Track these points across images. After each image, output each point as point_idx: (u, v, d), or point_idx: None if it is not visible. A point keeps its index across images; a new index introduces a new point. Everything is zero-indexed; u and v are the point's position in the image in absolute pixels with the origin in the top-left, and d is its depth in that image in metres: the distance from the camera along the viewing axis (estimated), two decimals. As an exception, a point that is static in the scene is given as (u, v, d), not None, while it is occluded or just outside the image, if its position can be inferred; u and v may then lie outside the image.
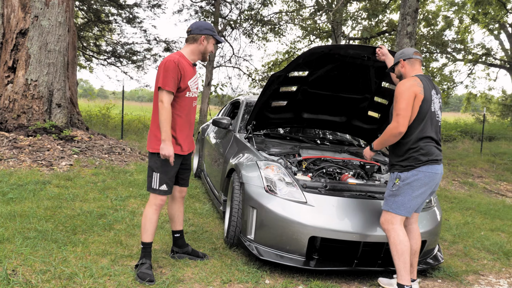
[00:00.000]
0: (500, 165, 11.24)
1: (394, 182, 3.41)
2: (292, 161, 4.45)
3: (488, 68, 26.42)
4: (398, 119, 3.26)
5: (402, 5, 8.74)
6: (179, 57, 3.43)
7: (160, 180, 3.43)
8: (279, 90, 4.80)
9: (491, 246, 5.03)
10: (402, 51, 3.64)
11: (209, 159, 6.06)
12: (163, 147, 3.27)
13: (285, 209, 3.74)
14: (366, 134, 5.49)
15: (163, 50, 18.51)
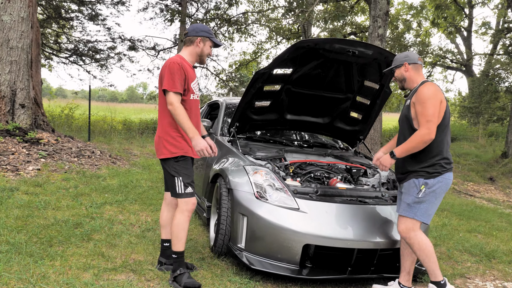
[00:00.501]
0: (465, 165, 11.55)
1: (419, 189, 3.31)
2: (279, 166, 4.35)
3: (446, 71, 27.29)
4: (429, 125, 3.18)
5: (373, 8, 8.80)
6: (180, 59, 3.39)
7: (184, 183, 3.38)
8: (263, 89, 4.69)
9: (472, 248, 5.09)
10: (407, 54, 3.58)
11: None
12: (196, 144, 3.23)
13: (278, 216, 3.62)
14: (347, 136, 5.45)
15: (127, 49, 18.02)
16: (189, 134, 3.25)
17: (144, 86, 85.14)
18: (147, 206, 5.45)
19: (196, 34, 3.45)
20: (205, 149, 3.27)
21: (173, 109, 3.24)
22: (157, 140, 3.45)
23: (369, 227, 3.71)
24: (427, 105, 3.20)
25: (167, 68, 3.28)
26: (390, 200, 4.17)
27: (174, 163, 3.39)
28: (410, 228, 3.35)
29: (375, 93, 4.92)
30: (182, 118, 3.23)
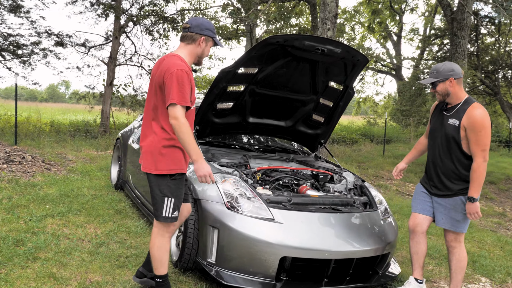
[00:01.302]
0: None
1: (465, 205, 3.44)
2: (247, 173, 4.10)
3: (376, 74, 28.41)
4: (484, 154, 3.29)
5: (322, 10, 8.80)
6: (185, 64, 2.92)
7: (174, 206, 3.00)
8: (227, 89, 4.42)
9: (430, 250, 5.13)
10: (452, 67, 3.43)
11: (138, 169, 5.44)
12: (199, 168, 2.85)
13: (252, 228, 3.38)
14: (308, 139, 5.31)
15: (54, 45, 16.81)
16: (192, 156, 2.82)
17: (66, 85, 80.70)
18: (94, 218, 4.97)
19: (201, 32, 3.01)
20: (208, 176, 2.89)
21: (178, 125, 2.78)
22: (151, 151, 2.96)
23: (346, 236, 3.57)
24: (483, 135, 3.26)
25: (174, 76, 2.81)
26: (361, 207, 4.07)
27: (169, 181, 2.97)
28: (458, 240, 3.55)
29: (339, 95, 4.82)
30: (188, 137, 2.79)
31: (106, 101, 14.28)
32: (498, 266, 4.86)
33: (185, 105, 2.82)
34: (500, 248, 5.69)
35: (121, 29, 15.09)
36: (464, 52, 12.31)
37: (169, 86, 2.82)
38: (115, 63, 14.67)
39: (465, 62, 12.27)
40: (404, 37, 27.09)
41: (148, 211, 4.86)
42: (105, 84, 14.54)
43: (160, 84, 2.91)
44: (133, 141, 5.96)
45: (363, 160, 12.18)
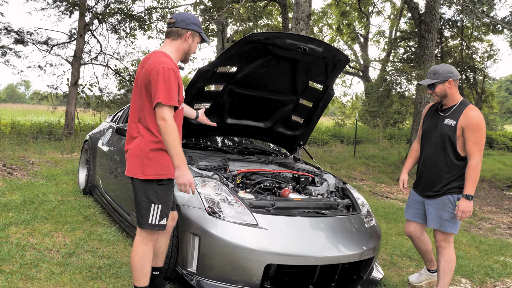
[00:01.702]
0: (375, 167, 12.00)
1: (455, 204, 3.46)
2: (227, 176, 3.93)
3: (344, 75, 28.71)
4: (481, 154, 3.36)
5: (295, 10, 8.71)
6: (171, 61, 2.77)
7: (161, 213, 2.86)
8: (204, 89, 4.24)
9: (408, 252, 5.10)
10: (450, 69, 3.48)
11: (109, 173, 5.18)
12: (181, 175, 2.71)
13: (235, 234, 3.21)
14: (287, 141, 5.18)
15: (13, 42, 16.10)
16: (175, 161, 2.69)
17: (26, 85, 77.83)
18: (62, 225, 4.68)
19: (187, 27, 2.87)
20: (189, 185, 2.74)
21: (165, 126, 2.65)
22: (138, 154, 2.81)
23: (332, 240, 3.46)
24: (481, 135, 3.34)
25: (160, 75, 2.67)
26: (345, 210, 3.97)
27: (156, 187, 2.82)
28: (447, 240, 3.58)
29: (319, 95, 4.71)
30: (173, 140, 2.65)
31: (70, 102, 13.77)
32: (476, 266, 4.86)
33: (173, 104, 2.70)
34: (475, 247, 5.72)
35: (86, 27, 14.60)
36: (432, 54, 12.49)
37: (155, 85, 2.68)
38: (80, 62, 14.18)
39: (433, 64, 12.45)
40: (371, 39, 27.52)
41: (121, 217, 4.62)
42: (70, 84, 14.03)
43: (145, 83, 2.77)
44: (103, 144, 5.68)
45: (335, 161, 12.19)
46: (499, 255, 5.44)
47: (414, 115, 12.72)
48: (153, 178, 2.80)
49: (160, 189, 2.84)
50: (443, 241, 3.59)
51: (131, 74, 17.87)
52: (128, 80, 18.03)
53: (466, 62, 21.61)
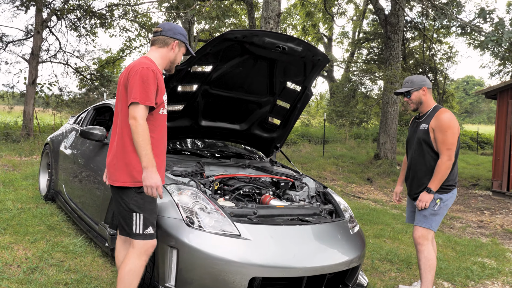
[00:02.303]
0: (344, 167, 11.99)
1: (435, 202, 3.64)
2: (204, 183, 3.69)
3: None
4: (449, 153, 3.52)
5: (265, 9, 8.53)
6: (154, 65, 2.73)
7: (145, 222, 2.75)
8: (177, 89, 3.99)
9: (388, 255, 5.01)
10: (424, 78, 3.73)
11: (73, 179, 4.83)
12: (148, 177, 2.59)
13: (217, 246, 2.99)
14: (263, 143, 4.99)
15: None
16: (143, 161, 2.59)
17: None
18: (22, 236, 4.31)
19: (174, 36, 2.88)
20: (155, 188, 2.61)
21: (135, 125, 2.58)
22: (114, 162, 2.76)
23: (318, 250, 3.29)
24: (449, 134, 3.51)
25: (138, 75, 2.63)
26: (328, 216, 3.81)
27: (135, 195, 2.72)
28: (425, 237, 3.68)
29: (297, 96, 4.54)
30: (143, 140, 2.57)
31: (28, 102, 13.08)
32: (456, 268, 4.82)
33: (149, 104, 2.64)
34: (451, 248, 5.71)
35: (44, 23, 13.93)
36: (398, 55, 12.62)
37: (132, 85, 2.62)
38: (37, 60, 13.50)
39: (399, 64, 12.59)
40: (335, 40, 27.73)
41: (87, 226, 4.29)
42: (27, 83, 13.34)
43: (125, 83, 2.70)
44: (66, 147, 5.31)
45: (304, 161, 12.10)
46: (475, 256, 5.44)
47: (382, 115, 12.82)
48: (129, 185, 2.71)
49: (140, 197, 2.73)
50: (422, 237, 3.69)
51: (93, 73, 17.25)
52: (89, 79, 17.39)
53: (428, 63, 22.09)
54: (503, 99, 10.63)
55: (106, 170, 2.92)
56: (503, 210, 8.98)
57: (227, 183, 3.97)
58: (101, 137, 4.24)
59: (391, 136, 12.46)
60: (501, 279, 4.71)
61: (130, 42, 17.47)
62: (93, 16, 15.69)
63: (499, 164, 10.61)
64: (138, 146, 2.58)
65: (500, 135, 10.67)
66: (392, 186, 10.70)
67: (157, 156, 2.81)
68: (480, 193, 10.75)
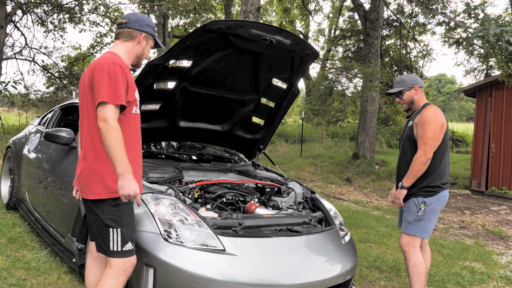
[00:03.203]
0: (323, 167, 11.78)
1: (419, 207, 3.45)
2: (183, 190, 3.35)
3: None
4: (425, 147, 3.34)
5: (244, 2, 8.20)
6: (119, 58, 2.46)
7: (123, 237, 2.46)
8: (153, 87, 3.63)
9: (375, 262, 4.79)
10: (415, 77, 3.60)
11: (38, 185, 4.41)
12: (125, 185, 2.28)
13: (199, 263, 2.67)
14: (245, 145, 4.67)
15: None
16: (118, 168, 2.28)
17: None
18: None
19: (140, 28, 2.59)
20: (133, 197, 2.31)
21: (106, 129, 2.28)
22: (85, 172, 2.45)
23: (310, 264, 3.00)
24: (427, 128, 3.35)
25: (104, 71, 2.34)
26: (319, 225, 3.52)
27: (111, 208, 2.43)
28: (411, 244, 3.51)
29: (282, 94, 4.24)
30: (116, 145, 2.26)
31: (-9, 101, 12.42)
32: (446, 274, 4.63)
33: (119, 103, 2.35)
34: (438, 252, 5.53)
35: (8, 18, 13.24)
36: (377, 52, 12.49)
37: (99, 83, 2.32)
38: (1, 57, 12.83)
39: (378, 62, 12.46)
40: (311, 37, 27.59)
41: (53, 239, 3.90)
42: (-10, 81, 12.67)
43: (90, 82, 2.39)
44: (30, 151, 4.88)
45: (282, 162, 11.84)
46: (463, 260, 5.27)
47: (360, 114, 12.67)
48: (105, 197, 2.43)
49: (116, 210, 2.44)
50: (407, 245, 3.53)
51: (61, 71, 16.58)
52: (57, 77, 16.71)
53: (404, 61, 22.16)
54: (482, 97, 10.60)
55: (76, 183, 2.58)
56: (483, 210, 8.92)
57: (208, 189, 3.65)
58: (68, 140, 3.85)
59: (370, 135, 12.32)
60: (491, 284, 4.53)
61: (101, 38, 16.85)
62: (62, 10, 15.05)
63: (477, 163, 10.58)
64: (111, 151, 2.27)
65: (479, 134, 10.64)
66: (372, 186, 10.55)
67: (132, 161, 2.49)
68: (459, 192, 10.71)
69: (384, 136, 18.29)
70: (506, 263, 5.35)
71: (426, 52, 22.36)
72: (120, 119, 2.40)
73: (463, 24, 6.78)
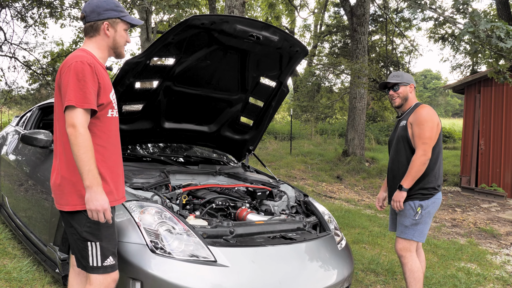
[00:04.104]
0: (313, 165, 11.65)
1: (416, 211, 3.35)
2: (170, 197, 3.17)
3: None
4: (424, 147, 3.25)
5: (229, -3, 8.00)
6: (90, 57, 2.22)
7: (103, 251, 2.28)
8: (134, 86, 3.42)
9: (370, 265, 4.66)
10: (411, 76, 3.55)
11: (18, 189, 4.19)
12: (92, 198, 2.12)
13: (189, 275, 2.52)
14: (234, 146, 4.50)
15: None
16: (85, 179, 2.10)
17: None
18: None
19: (99, 17, 2.29)
20: (102, 212, 2.13)
21: (74, 135, 2.09)
22: (58, 181, 2.26)
23: (306, 273, 2.86)
24: (425, 128, 3.27)
25: (72, 71, 2.12)
26: (313, 231, 3.36)
27: (88, 220, 2.24)
28: (407, 249, 3.42)
29: (271, 93, 4.08)
30: (84, 152, 2.08)
31: (-29, 99, 12.05)
32: (442, 277, 4.52)
33: (88, 107, 2.14)
34: (432, 253, 5.42)
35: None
36: (364, 48, 12.37)
37: (66, 84, 2.11)
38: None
39: (365, 58, 12.35)
40: (296, 34, 27.43)
41: (35, 247, 3.70)
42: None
43: (59, 84, 2.18)
44: (8, 152, 4.64)
45: (272, 159, 11.67)
46: (458, 260, 5.17)
47: (349, 111, 12.56)
48: (80, 209, 2.24)
49: (93, 223, 2.25)
50: (403, 250, 3.43)
51: (44, 67, 16.17)
52: (40, 74, 16.30)
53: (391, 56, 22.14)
54: (470, 93, 10.55)
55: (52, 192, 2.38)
56: (473, 207, 8.86)
57: (197, 194, 3.47)
58: (46, 142, 3.61)
59: (359, 132, 12.22)
60: (488, 286, 4.44)
61: (83, 33, 16.47)
62: (41, 5, 14.64)
63: (467, 160, 10.54)
64: (79, 160, 2.09)
65: (468, 130, 10.60)
66: (363, 184, 10.45)
67: (111, 169, 2.32)
68: (449, 189, 10.66)
69: (373, 133, 18.23)
70: (501, 263, 5.27)
71: (412, 48, 22.39)
72: (93, 124, 2.22)
73: (453, 19, 6.67)
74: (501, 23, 6.02)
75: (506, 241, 6.38)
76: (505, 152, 9.89)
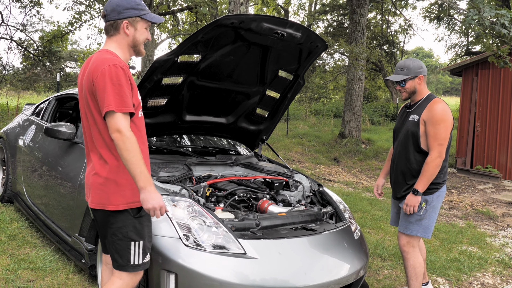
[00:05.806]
0: (310, 147, 11.80)
1: (421, 206, 3.28)
2: (196, 190, 3.29)
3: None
4: (440, 149, 3.16)
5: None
6: (118, 58, 2.25)
7: (144, 249, 2.35)
8: (161, 82, 3.52)
9: (376, 250, 4.85)
10: (420, 64, 3.33)
11: (38, 180, 4.28)
12: (148, 198, 2.16)
13: (222, 268, 2.65)
14: (248, 136, 4.61)
15: None
16: (139, 181, 2.14)
17: None
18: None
19: (120, 16, 2.28)
20: (159, 209, 2.18)
21: (121, 140, 2.11)
22: (98, 181, 2.28)
23: (327, 263, 3.01)
24: (441, 128, 3.16)
25: (106, 76, 2.13)
26: (331, 221, 3.52)
27: (133, 220, 2.29)
28: (411, 244, 3.38)
29: (288, 85, 4.19)
30: (134, 156, 2.12)
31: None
32: (446, 260, 4.72)
33: (126, 111, 2.17)
34: (434, 236, 5.63)
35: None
36: (363, 30, 12.40)
37: (102, 89, 2.13)
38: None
39: (364, 40, 12.40)
40: (290, 12, 27.30)
41: (57, 237, 3.81)
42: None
43: (90, 89, 2.20)
44: (25, 143, 4.71)
45: (270, 142, 11.80)
46: (459, 244, 5.39)
47: (346, 92, 12.66)
48: (125, 208, 2.28)
49: (138, 222, 2.32)
50: (407, 245, 3.39)
51: (39, 48, 16.00)
52: (35, 55, 16.15)
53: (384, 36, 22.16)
54: (468, 76, 10.71)
55: (86, 191, 2.42)
56: (469, 189, 9.12)
57: (217, 186, 3.60)
58: (69, 135, 3.71)
59: (356, 114, 12.36)
60: (490, 269, 4.65)
61: (79, 15, 16.25)
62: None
63: (463, 141, 10.76)
64: (129, 164, 2.13)
65: (465, 112, 10.79)
66: (360, 166, 10.64)
67: (146, 166, 2.39)
68: (445, 170, 10.91)
69: (367, 113, 18.38)
70: (500, 245, 5.50)
71: (407, 27, 22.42)
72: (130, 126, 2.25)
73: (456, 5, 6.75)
74: (506, 11, 6.13)
75: (502, 223, 6.62)
76: (500, 134, 10.11)
